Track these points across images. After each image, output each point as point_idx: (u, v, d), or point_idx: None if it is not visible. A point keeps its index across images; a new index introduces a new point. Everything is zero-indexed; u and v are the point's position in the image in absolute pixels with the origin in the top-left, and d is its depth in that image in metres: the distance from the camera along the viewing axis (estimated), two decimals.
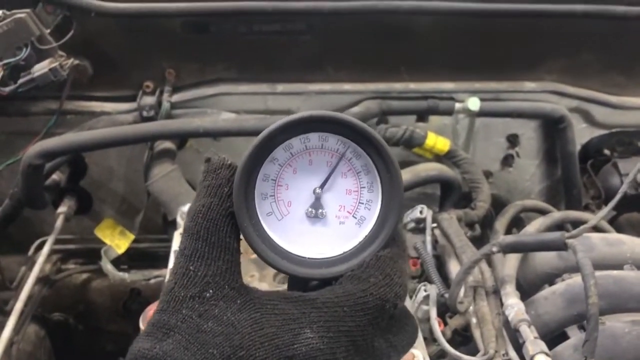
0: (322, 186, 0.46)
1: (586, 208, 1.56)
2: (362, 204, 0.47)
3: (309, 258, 0.46)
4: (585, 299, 0.91)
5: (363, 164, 0.47)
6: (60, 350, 1.65)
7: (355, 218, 0.47)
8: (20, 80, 1.24)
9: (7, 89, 1.23)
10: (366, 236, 0.47)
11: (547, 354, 0.95)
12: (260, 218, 0.46)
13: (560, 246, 0.97)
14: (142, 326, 0.94)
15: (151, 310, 0.98)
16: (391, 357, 0.46)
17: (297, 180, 0.46)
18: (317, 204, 0.46)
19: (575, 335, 1.03)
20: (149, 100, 1.36)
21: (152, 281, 1.58)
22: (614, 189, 1.47)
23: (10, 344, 1.33)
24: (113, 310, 1.63)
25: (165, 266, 1.54)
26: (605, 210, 1.00)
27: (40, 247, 1.50)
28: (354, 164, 0.47)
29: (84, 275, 1.60)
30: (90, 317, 1.64)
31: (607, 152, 1.55)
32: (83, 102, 1.37)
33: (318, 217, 0.47)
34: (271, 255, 0.45)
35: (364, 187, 0.47)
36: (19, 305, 1.31)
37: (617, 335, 0.98)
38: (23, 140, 1.36)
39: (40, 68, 1.24)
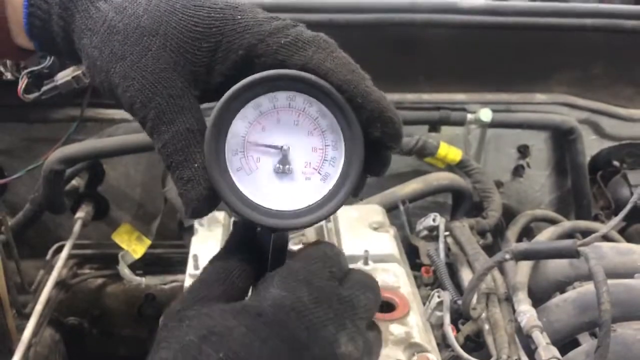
0: (289, 144, 0.49)
1: (595, 218, 1.58)
2: (327, 161, 0.49)
3: (276, 210, 0.49)
4: (598, 305, 0.93)
5: (328, 123, 0.49)
6: (74, 354, 1.67)
7: (320, 174, 0.49)
8: (44, 88, 1.27)
9: (31, 96, 1.26)
10: (330, 191, 0.49)
11: (556, 358, 0.97)
12: (230, 172, 0.48)
13: (573, 254, 0.99)
14: None
15: None
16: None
17: (266, 137, 0.48)
18: (284, 160, 0.49)
19: (587, 342, 1.05)
20: None
21: (167, 286, 1.61)
22: (623, 199, 1.50)
23: (29, 346, 1.36)
24: (128, 315, 1.65)
25: (181, 271, 1.58)
26: (616, 219, 1.02)
27: (57, 251, 1.53)
28: (319, 123, 0.49)
29: (100, 280, 1.62)
30: (105, 321, 1.66)
31: (616, 163, 1.57)
32: (103, 109, 1.41)
33: (285, 173, 0.49)
34: (241, 206, 0.48)
35: (328, 146, 0.49)
36: (38, 308, 1.34)
37: (628, 342, 0.99)
38: (43, 146, 1.39)
39: (64, 76, 1.26)
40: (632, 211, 1.42)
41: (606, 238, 1.31)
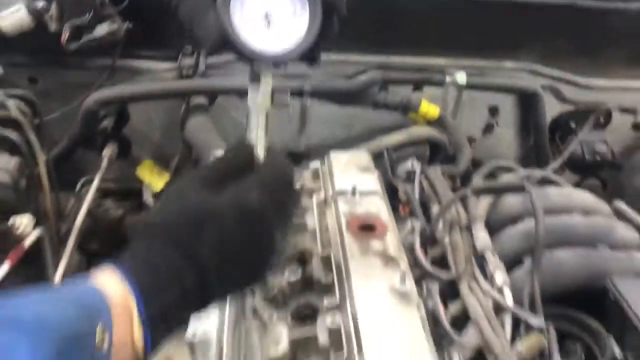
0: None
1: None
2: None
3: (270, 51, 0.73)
4: (535, 230, 1.17)
5: None
6: None
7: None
8: (83, 39, 1.48)
9: (73, 46, 1.47)
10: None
11: (504, 272, 1.21)
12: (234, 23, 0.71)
13: (519, 189, 1.23)
14: None
15: None
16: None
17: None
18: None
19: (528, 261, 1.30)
20: (188, 61, 1.61)
21: None
22: (575, 155, 1.74)
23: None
24: None
25: None
26: (557, 162, 1.26)
27: (85, 184, 1.75)
28: None
29: (121, 211, 1.85)
30: (124, 248, 1.89)
31: (573, 125, 1.81)
32: (132, 60, 1.62)
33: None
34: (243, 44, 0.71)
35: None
36: (73, 235, 1.56)
37: (562, 262, 1.21)
38: (77, 91, 1.60)
39: (101, 30, 1.48)
40: (581, 166, 1.68)
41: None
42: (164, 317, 0.60)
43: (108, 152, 1.68)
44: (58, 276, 1.43)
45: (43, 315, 0.49)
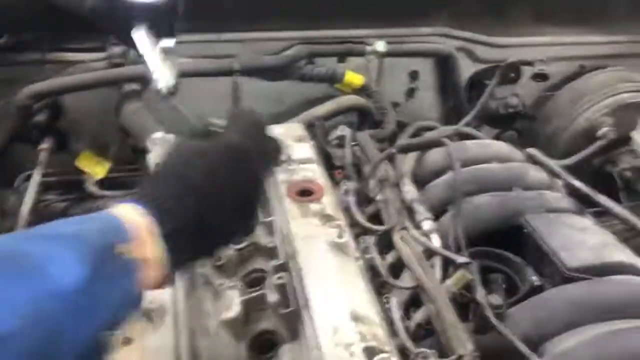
0: None
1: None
2: None
3: None
4: (454, 178, 1.28)
5: None
6: None
7: None
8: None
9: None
10: None
11: (431, 219, 1.33)
12: None
13: (438, 143, 1.35)
14: None
15: None
16: None
17: None
18: None
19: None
20: (117, 49, 1.64)
21: None
22: (490, 110, 1.88)
23: None
24: None
25: None
26: (470, 115, 1.38)
27: (25, 180, 1.76)
28: None
29: (64, 204, 1.87)
30: None
31: (487, 82, 1.94)
32: (61, 53, 1.64)
33: None
34: None
35: None
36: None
37: (479, 205, 1.32)
38: (5, 87, 1.61)
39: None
40: (497, 118, 1.81)
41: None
42: (176, 239, 0.68)
43: (45, 145, 1.69)
44: None
45: (79, 230, 0.60)
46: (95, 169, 1.70)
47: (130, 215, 0.65)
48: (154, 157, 1.49)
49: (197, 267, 1.13)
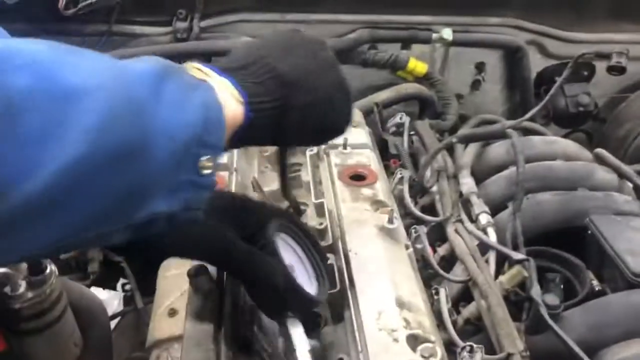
0: None
1: None
2: None
3: None
4: (517, 170, 1.23)
5: None
6: None
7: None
8: (80, 4, 1.53)
9: (70, 12, 1.52)
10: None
11: (488, 213, 1.28)
12: None
13: (501, 134, 1.29)
14: None
15: None
16: None
17: None
18: None
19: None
20: (182, 25, 1.66)
21: None
22: (560, 108, 1.80)
23: None
24: None
25: None
26: (536, 109, 1.32)
27: None
28: None
29: None
30: None
31: (557, 79, 1.86)
32: (128, 25, 1.67)
33: None
34: None
35: None
36: None
37: (541, 202, 1.27)
38: None
39: None
40: (566, 118, 1.74)
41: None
42: (255, 106, 0.65)
43: None
44: None
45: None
46: None
47: (209, 72, 0.64)
48: None
49: None
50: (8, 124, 0.42)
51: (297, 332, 0.81)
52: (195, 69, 0.63)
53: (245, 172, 1.36)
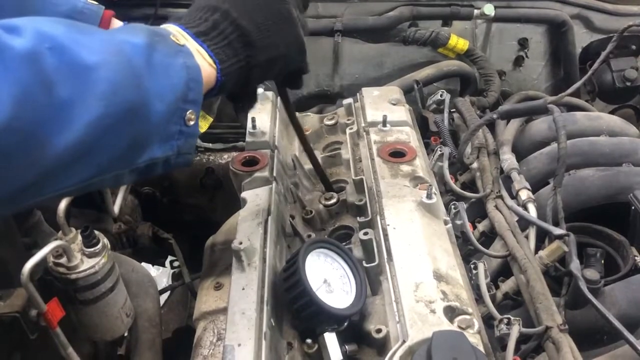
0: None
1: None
2: None
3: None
4: (558, 145, 1.21)
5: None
6: (148, 218, 2.03)
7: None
8: None
9: None
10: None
11: (528, 189, 1.27)
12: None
13: (543, 110, 1.27)
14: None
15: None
16: None
17: None
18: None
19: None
20: None
21: (224, 161, 1.94)
22: (606, 83, 1.76)
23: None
24: (191, 186, 1.98)
25: (234, 149, 1.91)
26: (579, 83, 1.30)
27: None
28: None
29: None
30: (173, 191, 2.00)
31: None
32: (173, 9, 1.71)
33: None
34: None
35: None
36: None
37: (584, 178, 1.26)
38: None
39: None
40: (613, 93, 1.70)
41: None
42: (225, 70, 0.78)
43: None
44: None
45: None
46: (199, 122, 1.76)
47: (176, 29, 0.77)
48: (254, 112, 1.53)
49: (285, 219, 1.15)
50: (48, 92, 0.57)
51: (331, 342, 0.88)
52: (176, 33, 0.75)
53: (286, 150, 1.39)
